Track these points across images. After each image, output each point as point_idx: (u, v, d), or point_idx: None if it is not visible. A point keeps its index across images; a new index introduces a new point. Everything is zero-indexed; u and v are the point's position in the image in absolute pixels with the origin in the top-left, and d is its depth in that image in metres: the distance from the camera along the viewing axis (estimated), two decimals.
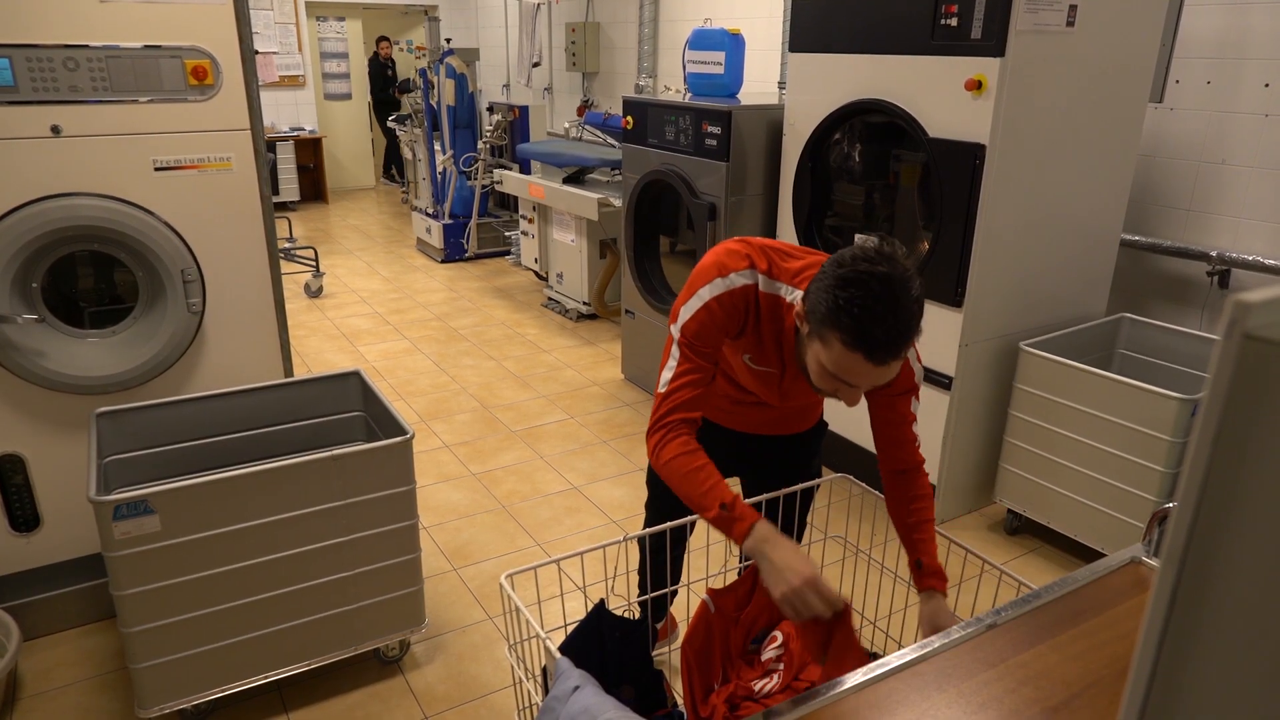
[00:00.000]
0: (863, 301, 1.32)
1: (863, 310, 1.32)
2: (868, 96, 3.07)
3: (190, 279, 2.44)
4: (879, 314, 1.32)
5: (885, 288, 1.32)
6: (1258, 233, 3.17)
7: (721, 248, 1.65)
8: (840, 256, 1.40)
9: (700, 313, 1.59)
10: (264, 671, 2.19)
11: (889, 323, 1.32)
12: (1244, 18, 3.09)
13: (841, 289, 1.34)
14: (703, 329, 1.60)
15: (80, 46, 2.22)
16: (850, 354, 1.36)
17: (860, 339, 1.34)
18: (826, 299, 1.36)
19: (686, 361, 1.61)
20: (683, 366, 1.61)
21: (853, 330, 1.33)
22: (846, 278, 1.34)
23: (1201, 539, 0.42)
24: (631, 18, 6.35)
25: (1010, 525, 3.15)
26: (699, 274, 1.63)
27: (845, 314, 1.33)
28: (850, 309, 1.33)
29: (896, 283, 1.33)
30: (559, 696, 1.41)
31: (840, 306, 1.34)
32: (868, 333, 1.33)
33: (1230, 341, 0.38)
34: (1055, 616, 1.25)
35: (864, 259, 1.36)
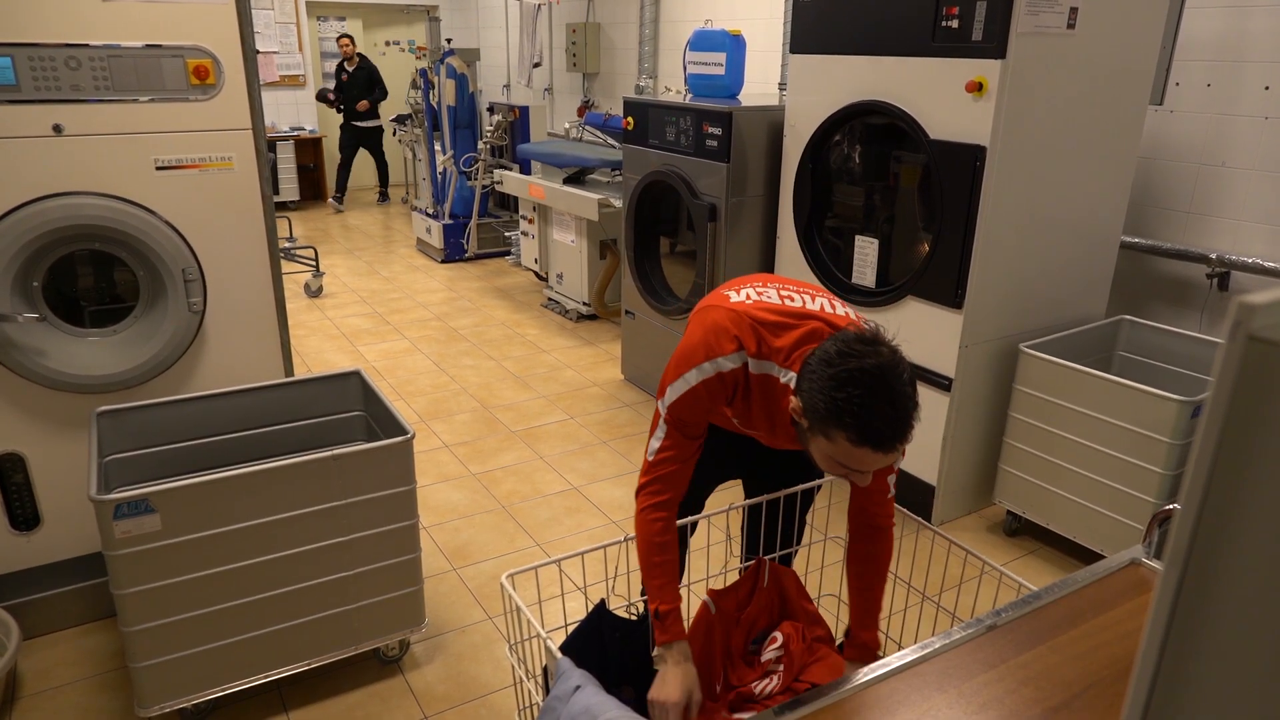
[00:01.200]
0: (861, 399, 1.34)
1: (862, 408, 1.34)
2: (868, 98, 3.08)
3: (191, 278, 2.44)
4: (880, 409, 1.34)
5: (880, 381, 1.34)
6: (1258, 235, 3.17)
7: (711, 322, 1.63)
8: (827, 354, 1.40)
9: (687, 396, 1.62)
10: (264, 671, 2.19)
11: (891, 415, 1.35)
12: (1244, 20, 3.09)
13: (838, 390, 1.35)
14: (689, 411, 1.64)
15: (82, 46, 2.22)
16: (858, 450, 1.38)
17: (866, 435, 1.36)
18: (824, 400, 1.37)
19: (671, 439, 1.67)
20: (668, 443, 1.67)
21: (857, 429, 1.35)
22: (840, 378, 1.36)
23: (1205, 541, 0.42)
24: (632, 18, 6.35)
25: (1010, 527, 3.16)
26: (687, 353, 1.63)
27: (846, 414, 1.35)
28: (850, 408, 1.34)
29: (889, 373, 1.35)
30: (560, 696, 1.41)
31: (841, 408, 1.35)
32: (872, 428, 1.35)
33: (1234, 343, 0.38)
34: (1055, 618, 1.25)
35: (852, 354, 1.37)
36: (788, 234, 3.55)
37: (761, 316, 1.60)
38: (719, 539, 2.81)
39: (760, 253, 3.79)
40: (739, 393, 1.64)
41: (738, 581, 1.94)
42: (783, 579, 1.95)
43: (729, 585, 1.92)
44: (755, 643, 1.93)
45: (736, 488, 2.31)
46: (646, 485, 1.70)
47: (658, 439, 1.69)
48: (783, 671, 1.82)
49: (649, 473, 1.70)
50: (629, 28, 6.48)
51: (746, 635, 1.92)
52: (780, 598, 1.95)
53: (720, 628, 1.86)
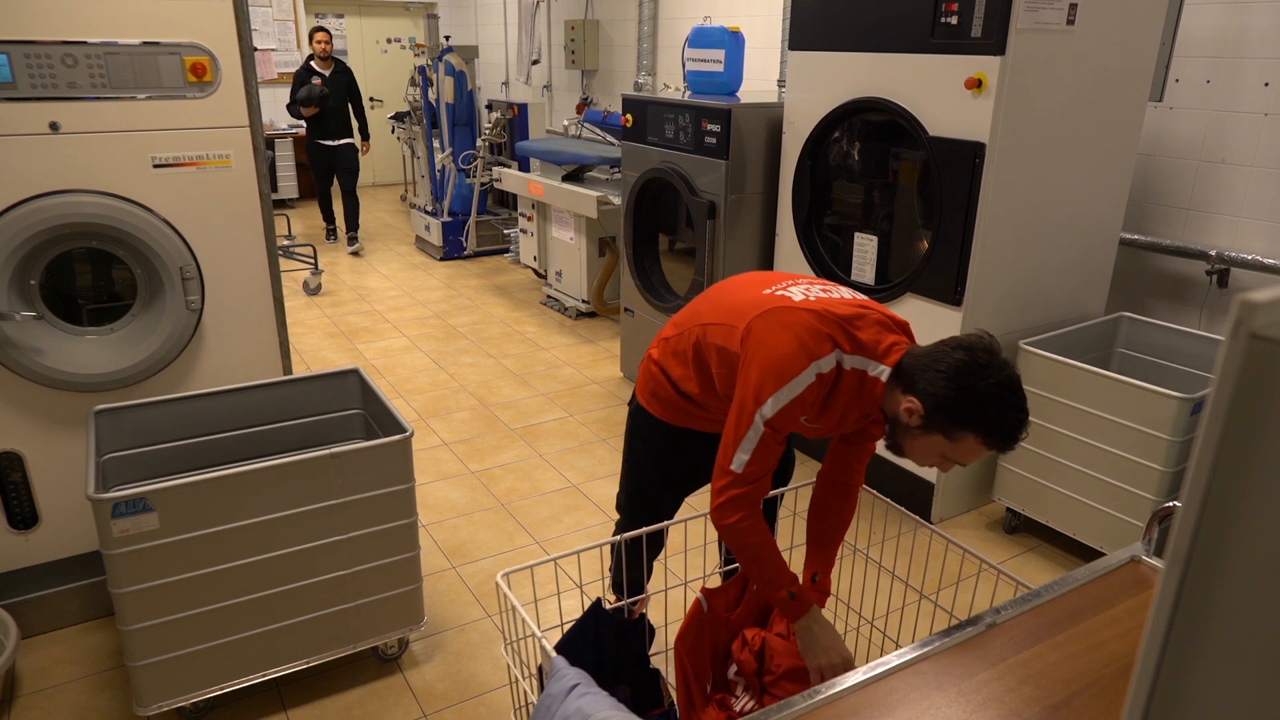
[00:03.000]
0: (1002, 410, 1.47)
1: (1002, 418, 1.47)
2: (867, 95, 3.07)
3: (189, 276, 2.43)
4: (1015, 417, 1.47)
5: (1016, 392, 1.48)
6: (1257, 232, 3.17)
7: (799, 324, 1.60)
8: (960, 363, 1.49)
9: (795, 403, 1.58)
10: (262, 669, 2.19)
11: (1021, 421, 1.48)
12: (1243, 16, 3.09)
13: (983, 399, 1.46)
14: (789, 420, 1.61)
15: (79, 43, 2.21)
16: (983, 449, 1.51)
17: (1000, 439, 1.48)
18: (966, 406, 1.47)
19: (764, 448, 1.61)
20: (762, 450, 1.61)
21: (997, 434, 1.48)
22: (985, 393, 1.46)
23: (1207, 540, 0.42)
24: (631, 15, 6.34)
25: (1009, 524, 3.15)
26: (784, 361, 1.58)
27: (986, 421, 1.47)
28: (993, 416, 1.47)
29: (1008, 376, 1.48)
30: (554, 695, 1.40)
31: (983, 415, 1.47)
32: (1007, 433, 1.48)
33: (1236, 341, 0.38)
34: (1055, 615, 1.25)
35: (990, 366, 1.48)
36: (787, 231, 3.54)
37: (835, 310, 1.64)
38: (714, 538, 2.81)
39: (759, 250, 3.78)
40: (826, 392, 1.64)
41: (728, 583, 1.94)
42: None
43: (722, 585, 1.92)
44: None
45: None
46: (740, 498, 1.64)
47: (747, 450, 1.61)
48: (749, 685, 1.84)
49: (741, 484, 1.63)
50: (628, 25, 6.47)
51: (733, 637, 1.92)
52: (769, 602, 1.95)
53: (711, 626, 1.86)
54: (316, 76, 6.89)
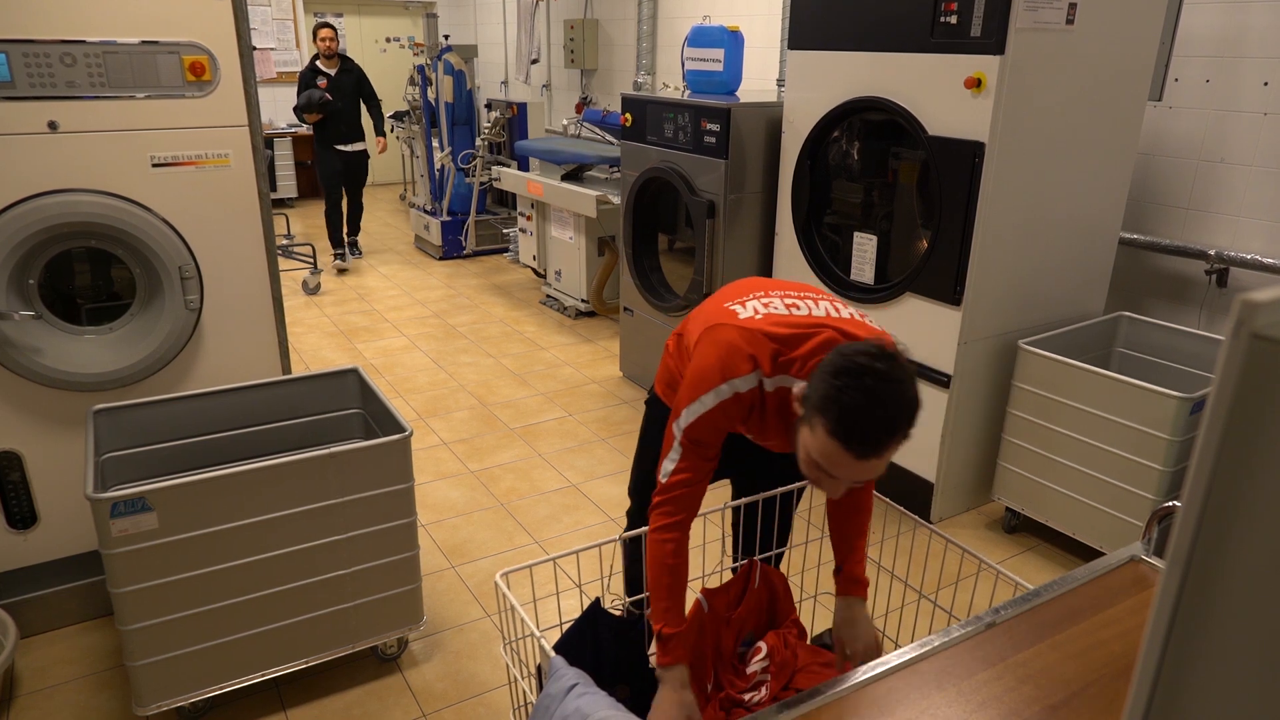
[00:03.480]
0: (853, 392, 1.32)
1: (851, 401, 1.32)
2: (867, 94, 3.07)
3: (188, 276, 2.43)
4: (866, 407, 1.32)
5: (880, 383, 1.32)
6: (1256, 231, 3.17)
7: (725, 342, 1.60)
8: (844, 346, 1.40)
9: (704, 419, 1.59)
10: (262, 669, 2.19)
11: (876, 417, 1.32)
12: (1243, 16, 3.09)
13: (836, 377, 1.34)
14: (706, 433, 1.61)
15: (77, 42, 2.21)
16: (831, 442, 1.36)
17: (843, 429, 1.33)
18: (822, 386, 1.37)
19: (687, 461, 1.63)
20: (683, 464, 1.64)
21: (838, 420, 1.33)
22: (843, 367, 1.35)
23: (1208, 540, 0.41)
24: (630, 15, 6.34)
25: (1009, 523, 3.15)
26: (702, 375, 1.60)
27: (835, 403, 1.34)
28: (841, 398, 1.33)
29: (892, 382, 1.33)
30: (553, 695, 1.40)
31: (831, 395, 1.34)
32: (853, 425, 1.33)
33: (1238, 341, 0.38)
34: (1054, 615, 1.25)
35: (865, 352, 1.36)
36: (786, 230, 3.54)
37: (774, 331, 1.58)
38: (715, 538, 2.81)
39: (759, 249, 3.78)
40: (755, 412, 1.62)
41: (729, 582, 1.94)
42: (773, 581, 1.95)
43: (721, 585, 1.92)
44: (745, 645, 1.94)
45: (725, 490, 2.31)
46: (660, 505, 1.67)
47: (672, 460, 1.65)
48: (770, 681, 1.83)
49: (663, 493, 1.66)
50: (627, 24, 6.46)
51: (736, 636, 1.92)
52: (769, 600, 1.95)
53: (711, 626, 1.86)
54: (322, 77, 6.29)
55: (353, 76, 6.46)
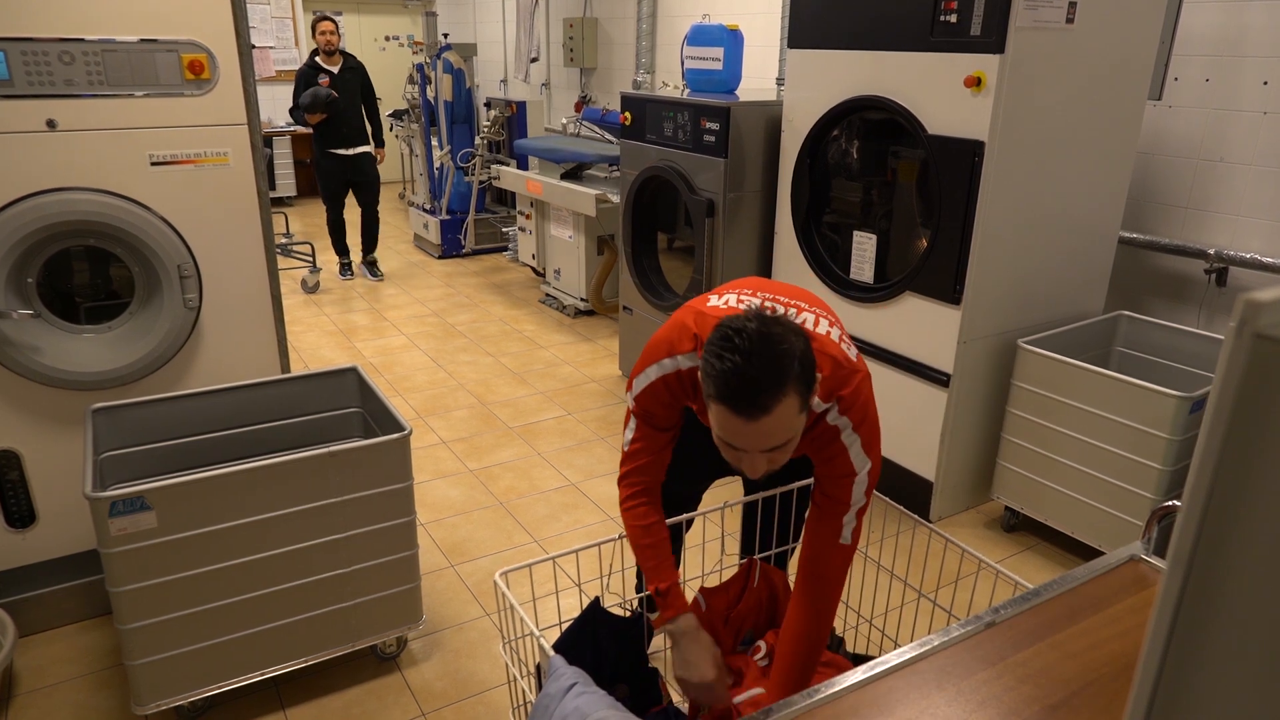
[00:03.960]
0: (729, 354, 1.33)
1: (727, 364, 1.33)
2: (866, 93, 3.07)
3: (186, 274, 2.43)
4: (740, 366, 1.32)
5: (746, 341, 1.33)
6: (1256, 230, 3.17)
7: (677, 321, 1.64)
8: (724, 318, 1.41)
9: (648, 390, 1.66)
10: (261, 668, 2.19)
11: (750, 375, 1.32)
12: (1243, 15, 3.09)
13: (713, 345, 1.37)
14: (651, 405, 1.67)
15: (76, 40, 2.20)
16: (718, 407, 1.37)
17: (723, 390, 1.35)
18: (705, 357, 1.38)
19: (640, 431, 1.71)
20: (638, 435, 1.71)
21: (717, 382, 1.35)
22: (719, 335, 1.36)
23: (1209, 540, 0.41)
24: (630, 13, 6.33)
25: (1008, 523, 3.16)
26: (652, 349, 1.66)
27: (713, 368, 1.35)
28: (718, 363, 1.34)
29: (760, 337, 1.33)
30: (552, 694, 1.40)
31: (711, 362, 1.36)
32: (724, 383, 1.34)
33: (1240, 341, 0.38)
34: (1054, 614, 1.25)
35: (740, 317, 1.37)
36: (785, 229, 3.54)
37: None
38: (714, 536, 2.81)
39: (758, 248, 3.78)
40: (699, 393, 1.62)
41: (729, 580, 1.94)
42: (773, 579, 1.95)
43: (720, 584, 1.92)
44: (744, 644, 1.94)
45: (736, 484, 2.31)
46: (625, 476, 1.75)
47: (630, 430, 1.73)
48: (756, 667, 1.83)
49: (625, 463, 1.75)
50: (626, 22, 6.46)
51: (736, 634, 1.92)
52: (770, 598, 1.95)
53: (710, 625, 1.86)
54: (323, 76, 5.85)
55: (356, 75, 6.03)
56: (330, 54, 5.90)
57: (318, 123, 5.80)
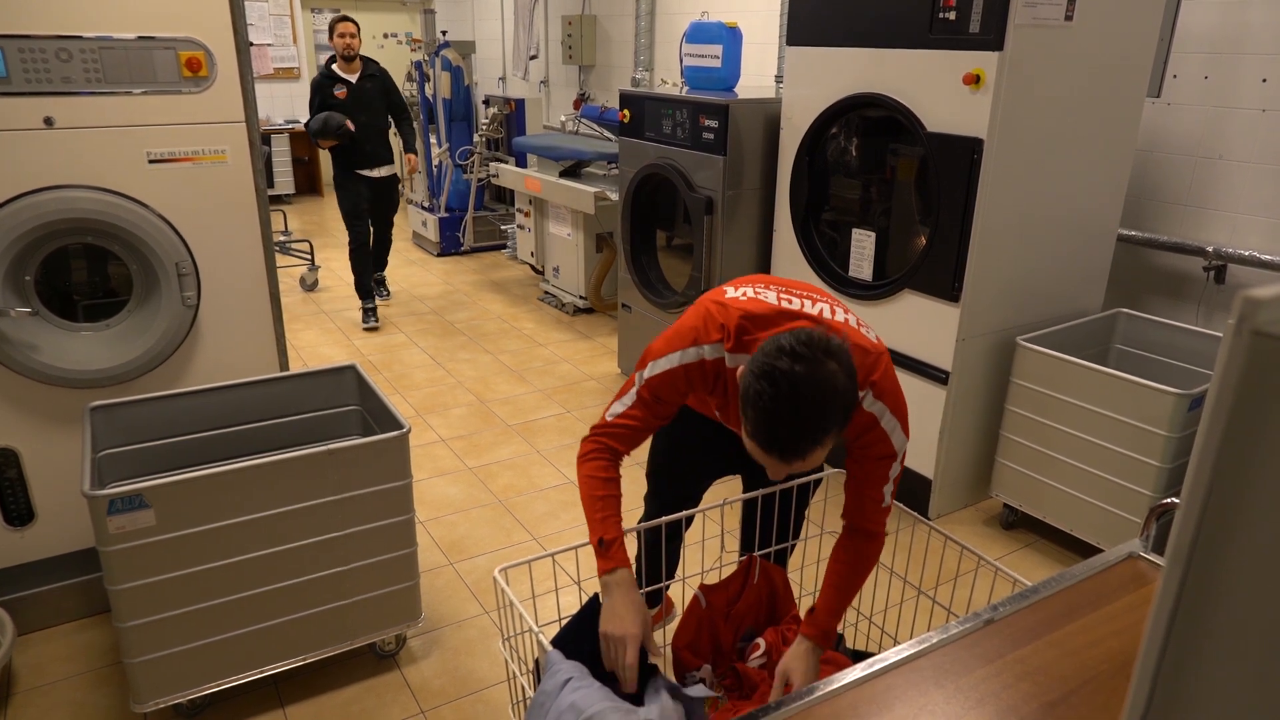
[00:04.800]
0: (768, 398, 1.34)
1: (765, 408, 1.34)
2: (865, 90, 3.07)
3: (185, 272, 2.42)
4: (780, 415, 1.34)
5: (793, 389, 1.33)
6: (1254, 228, 3.17)
7: (704, 310, 1.65)
8: (767, 345, 1.40)
9: (667, 375, 1.64)
10: (260, 666, 2.19)
11: (789, 425, 1.34)
12: (1242, 13, 3.08)
13: (755, 380, 1.36)
14: (666, 390, 1.66)
15: (73, 37, 2.20)
16: (751, 442, 1.41)
17: (759, 432, 1.38)
18: (746, 382, 1.39)
19: (640, 410, 1.68)
20: (634, 413, 1.68)
21: (755, 422, 1.38)
22: (762, 369, 1.36)
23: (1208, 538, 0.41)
24: (628, 11, 6.32)
25: (1006, 520, 3.16)
26: (677, 335, 1.66)
27: (752, 406, 1.37)
28: (757, 402, 1.35)
29: (808, 384, 1.33)
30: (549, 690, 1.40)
31: (749, 398, 1.37)
32: (767, 429, 1.36)
33: (1239, 338, 0.38)
34: (1052, 612, 1.25)
35: (787, 353, 1.35)
36: (784, 227, 3.54)
37: (751, 310, 1.60)
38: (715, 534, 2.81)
39: (757, 246, 3.78)
40: (719, 384, 1.65)
41: (729, 577, 1.94)
42: (772, 577, 1.95)
43: (720, 581, 1.92)
44: (743, 640, 1.94)
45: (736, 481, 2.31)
46: (597, 437, 1.70)
47: (624, 405, 1.70)
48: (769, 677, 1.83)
49: (604, 429, 1.70)
50: (625, 20, 6.45)
51: (735, 632, 1.92)
52: (769, 595, 1.95)
53: (709, 621, 1.86)
54: (339, 85, 5.14)
55: (378, 83, 5.29)
56: (349, 60, 5.16)
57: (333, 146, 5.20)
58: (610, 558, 1.63)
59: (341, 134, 5.04)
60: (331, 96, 5.12)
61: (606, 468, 1.69)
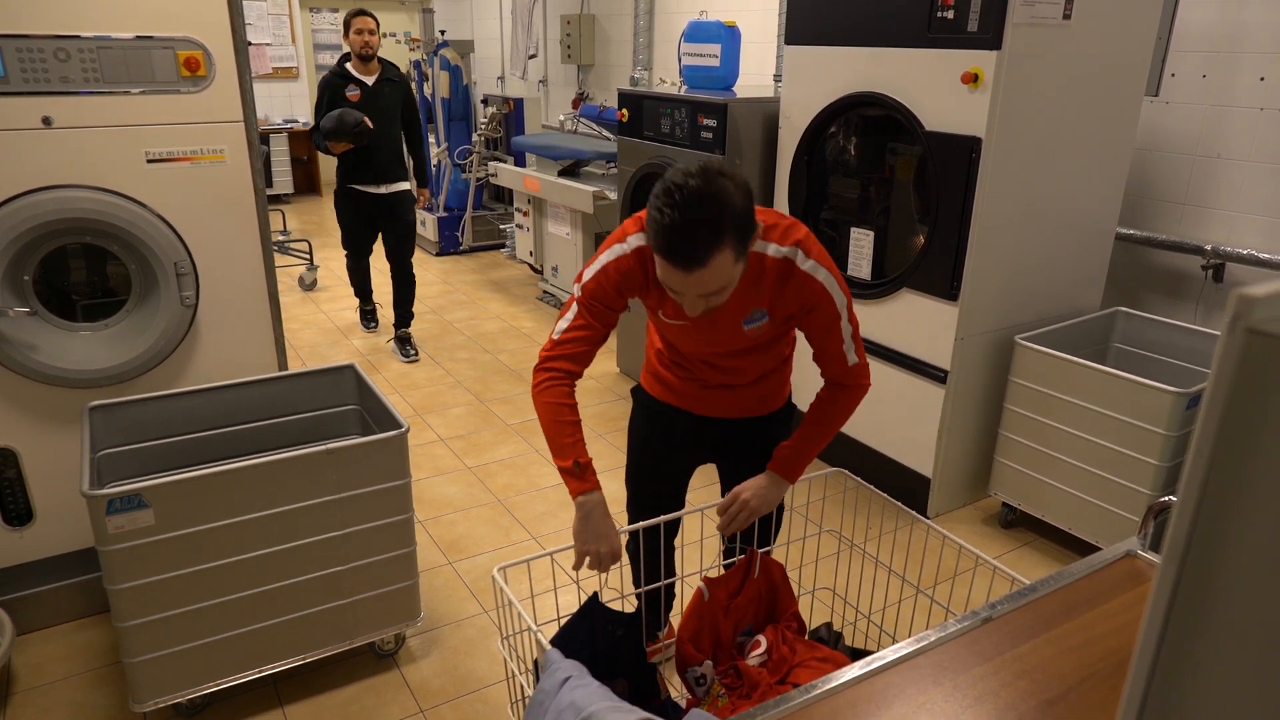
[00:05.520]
0: (664, 208, 1.44)
1: (662, 220, 1.44)
2: (864, 89, 3.07)
3: (183, 272, 2.42)
4: (675, 221, 1.43)
5: (686, 198, 1.43)
6: (1253, 226, 3.17)
7: (629, 219, 1.75)
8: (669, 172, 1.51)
9: (598, 274, 1.73)
10: (259, 665, 2.19)
11: (683, 231, 1.43)
12: (1240, 11, 3.09)
13: (654, 199, 1.47)
14: (599, 289, 1.73)
15: (71, 37, 2.20)
16: (659, 258, 1.49)
17: (660, 242, 1.46)
18: (648, 208, 1.49)
19: (581, 318, 1.75)
20: (577, 321, 1.75)
21: (655, 236, 1.47)
22: (661, 189, 1.46)
23: (1203, 536, 0.41)
24: (627, 10, 6.32)
25: (1005, 519, 3.16)
26: (606, 243, 1.76)
27: (653, 222, 1.47)
28: (658, 218, 1.45)
29: (700, 193, 1.43)
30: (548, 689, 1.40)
31: (651, 216, 1.47)
32: (665, 237, 1.45)
33: (1234, 336, 0.38)
34: (1051, 610, 1.25)
35: (682, 172, 1.46)
36: None
37: None
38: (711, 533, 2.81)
39: None
40: (650, 278, 1.71)
41: (730, 571, 1.94)
42: (772, 572, 1.95)
43: (721, 575, 1.93)
44: (744, 635, 1.94)
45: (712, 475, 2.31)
46: (550, 360, 1.75)
47: (567, 320, 1.76)
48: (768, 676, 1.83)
49: (555, 348, 1.75)
50: (624, 19, 6.45)
51: (735, 625, 1.92)
52: (769, 591, 1.95)
53: (711, 614, 1.86)
54: (354, 87, 4.45)
55: (398, 90, 4.61)
56: (366, 60, 4.49)
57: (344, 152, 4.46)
58: (586, 480, 1.71)
59: (359, 133, 4.32)
60: (342, 98, 4.45)
61: (566, 395, 1.74)
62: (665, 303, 1.76)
